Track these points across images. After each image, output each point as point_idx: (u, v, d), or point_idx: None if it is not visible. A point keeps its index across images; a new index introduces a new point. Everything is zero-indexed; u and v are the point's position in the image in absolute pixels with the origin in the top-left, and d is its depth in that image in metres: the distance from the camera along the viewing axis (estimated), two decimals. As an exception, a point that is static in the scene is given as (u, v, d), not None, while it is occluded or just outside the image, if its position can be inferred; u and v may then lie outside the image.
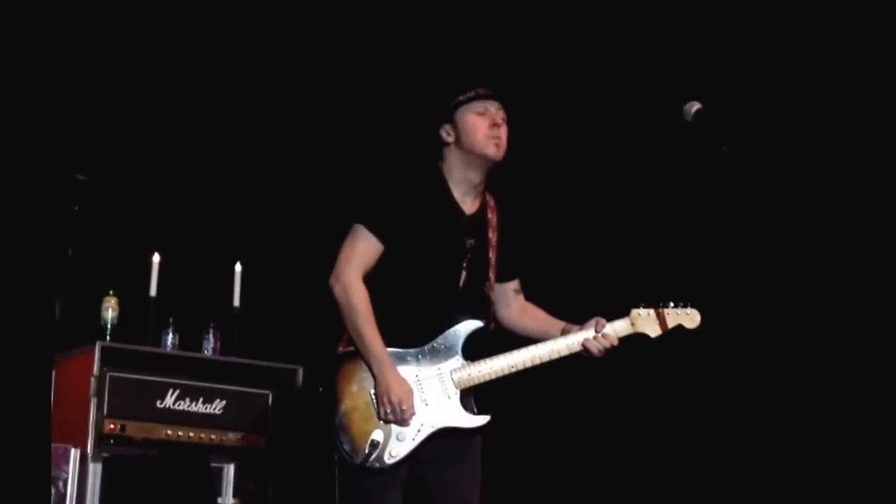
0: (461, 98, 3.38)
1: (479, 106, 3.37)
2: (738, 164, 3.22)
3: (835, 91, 4.64)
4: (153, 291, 4.65)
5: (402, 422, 3.26)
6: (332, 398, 3.28)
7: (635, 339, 3.38)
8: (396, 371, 3.28)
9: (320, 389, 3.33)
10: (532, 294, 3.58)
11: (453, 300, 3.38)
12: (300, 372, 4.60)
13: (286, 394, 4.57)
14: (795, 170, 4.06)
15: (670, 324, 3.37)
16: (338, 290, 3.31)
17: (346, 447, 3.24)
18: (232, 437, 4.49)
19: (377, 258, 3.34)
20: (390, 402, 3.25)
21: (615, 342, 3.35)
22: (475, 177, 3.39)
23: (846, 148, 4.56)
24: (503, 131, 3.38)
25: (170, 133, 5.07)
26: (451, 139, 3.39)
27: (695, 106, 3.32)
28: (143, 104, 4.97)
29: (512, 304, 3.53)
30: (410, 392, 3.28)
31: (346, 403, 3.27)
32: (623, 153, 5.00)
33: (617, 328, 3.36)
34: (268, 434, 4.50)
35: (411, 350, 3.34)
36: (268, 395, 4.58)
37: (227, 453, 4.50)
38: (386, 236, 3.33)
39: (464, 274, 3.37)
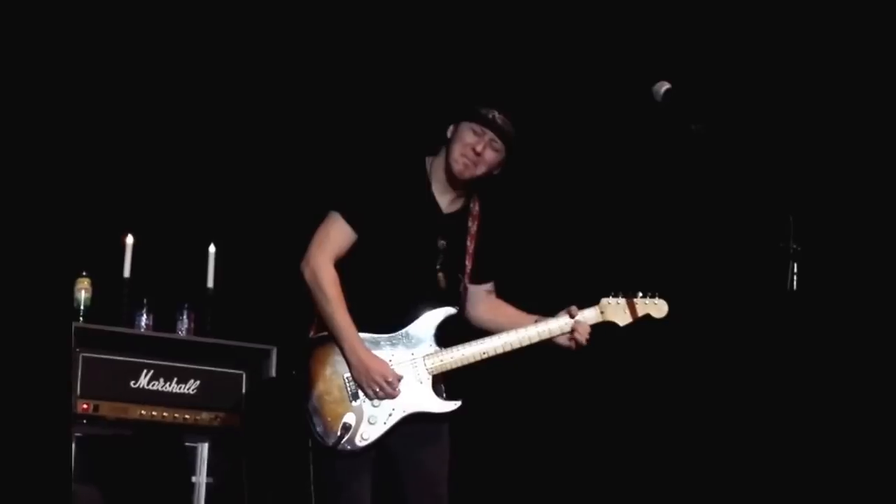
0: (475, 111, 3.41)
1: (478, 128, 3.41)
2: (707, 142, 3.29)
3: (803, 68, 4.74)
4: (127, 272, 4.71)
5: (392, 394, 3.36)
6: (305, 381, 3.37)
7: (608, 330, 3.48)
8: (368, 350, 3.38)
9: (293, 372, 3.42)
10: (504, 285, 3.66)
11: (427, 294, 3.46)
12: (274, 352, 4.69)
13: (260, 374, 4.67)
14: (765, 147, 4.18)
15: (639, 313, 3.49)
16: (307, 273, 3.41)
17: (319, 430, 3.34)
18: (206, 416, 4.57)
19: (350, 246, 3.42)
20: (373, 380, 3.35)
21: (586, 335, 3.46)
22: (451, 181, 3.48)
23: (816, 125, 4.67)
24: (480, 160, 3.42)
25: (143, 113, 5.11)
26: (448, 137, 3.47)
27: (664, 86, 3.38)
28: (115, 84, 5.00)
29: (482, 303, 3.62)
30: (387, 364, 3.38)
31: (320, 387, 3.37)
32: (594, 137, 5.07)
33: (587, 316, 3.46)
34: (242, 413, 4.59)
35: (384, 335, 3.43)
36: (241, 375, 4.67)
37: (201, 433, 4.59)
38: (360, 226, 3.42)
39: (440, 275, 3.46)
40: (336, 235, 3.42)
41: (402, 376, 3.40)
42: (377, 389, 3.37)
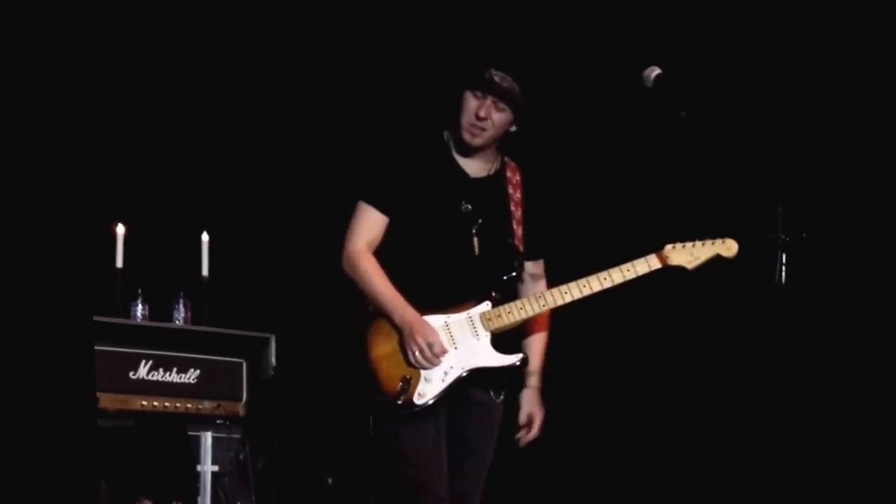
0: (473, 76, 3.42)
1: (478, 92, 3.41)
2: (696, 129, 3.37)
3: (793, 56, 4.79)
4: (119, 263, 4.84)
5: (434, 359, 3.37)
6: (362, 349, 3.41)
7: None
8: (417, 313, 3.38)
9: (351, 348, 3.45)
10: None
11: (470, 265, 3.47)
12: (273, 340, 4.82)
13: (260, 362, 4.80)
14: (754, 136, 4.26)
15: (707, 254, 3.45)
16: (345, 265, 3.46)
17: (377, 391, 3.38)
18: (207, 405, 4.71)
19: (382, 229, 3.47)
20: (416, 342, 3.35)
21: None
22: (469, 148, 3.49)
23: (805, 114, 4.71)
24: (486, 124, 3.43)
25: (133, 102, 5.18)
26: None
27: (654, 71, 3.45)
28: (105, 74, 4.92)
29: (526, 289, 3.58)
30: (435, 330, 3.38)
31: (375, 352, 3.41)
32: (580, 123, 5.07)
33: (651, 263, 3.45)
34: (244, 401, 4.75)
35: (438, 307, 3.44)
36: (242, 364, 4.80)
37: (203, 421, 4.73)
38: (385, 206, 3.46)
39: (475, 240, 3.47)
40: (364, 221, 3.46)
41: (448, 349, 3.39)
42: (416, 353, 3.36)
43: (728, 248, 3.46)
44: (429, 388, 3.39)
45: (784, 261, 3.32)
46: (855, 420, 4.60)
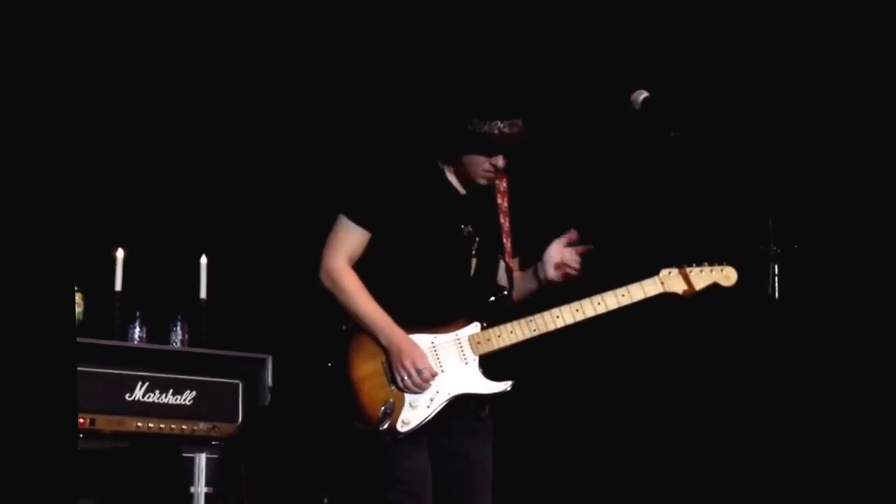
0: (479, 140, 3.34)
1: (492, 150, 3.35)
2: (685, 149, 3.41)
3: (778, 70, 4.89)
4: (118, 286, 4.90)
5: (423, 384, 3.30)
6: (342, 369, 3.33)
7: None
8: (406, 335, 3.32)
9: (329, 364, 3.38)
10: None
11: (463, 285, 3.42)
12: (269, 361, 4.87)
13: (256, 383, 4.85)
14: (742, 149, 4.34)
15: (705, 282, 3.42)
16: (324, 279, 3.40)
17: (358, 416, 3.30)
18: (203, 426, 4.75)
19: (364, 245, 3.41)
20: (404, 366, 3.28)
21: (576, 263, 3.42)
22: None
23: (792, 126, 4.81)
24: (503, 167, 3.40)
25: (131, 126, 5.25)
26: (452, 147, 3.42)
27: (642, 94, 3.49)
28: (103, 98, 5.10)
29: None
30: (424, 354, 3.32)
31: (357, 373, 3.33)
32: (572, 145, 5.14)
33: (647, 289, 3.41)
34: (239, 423, 4.79)
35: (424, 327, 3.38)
36: (238, 385, 4.85)
37: (198, 443, 4.75)
38: (368, 223, 3.40)
39: (474, 261, 3.44)
40: (345, 237, 3.41)
41: (437, 373, 3.33)
42: (405, 377, 3.30)
43: (726, 276, 3.45)
44: (413, 415, 3.32)
45: (776, 273, 3.33)
46: (850, 430, 4.62)
